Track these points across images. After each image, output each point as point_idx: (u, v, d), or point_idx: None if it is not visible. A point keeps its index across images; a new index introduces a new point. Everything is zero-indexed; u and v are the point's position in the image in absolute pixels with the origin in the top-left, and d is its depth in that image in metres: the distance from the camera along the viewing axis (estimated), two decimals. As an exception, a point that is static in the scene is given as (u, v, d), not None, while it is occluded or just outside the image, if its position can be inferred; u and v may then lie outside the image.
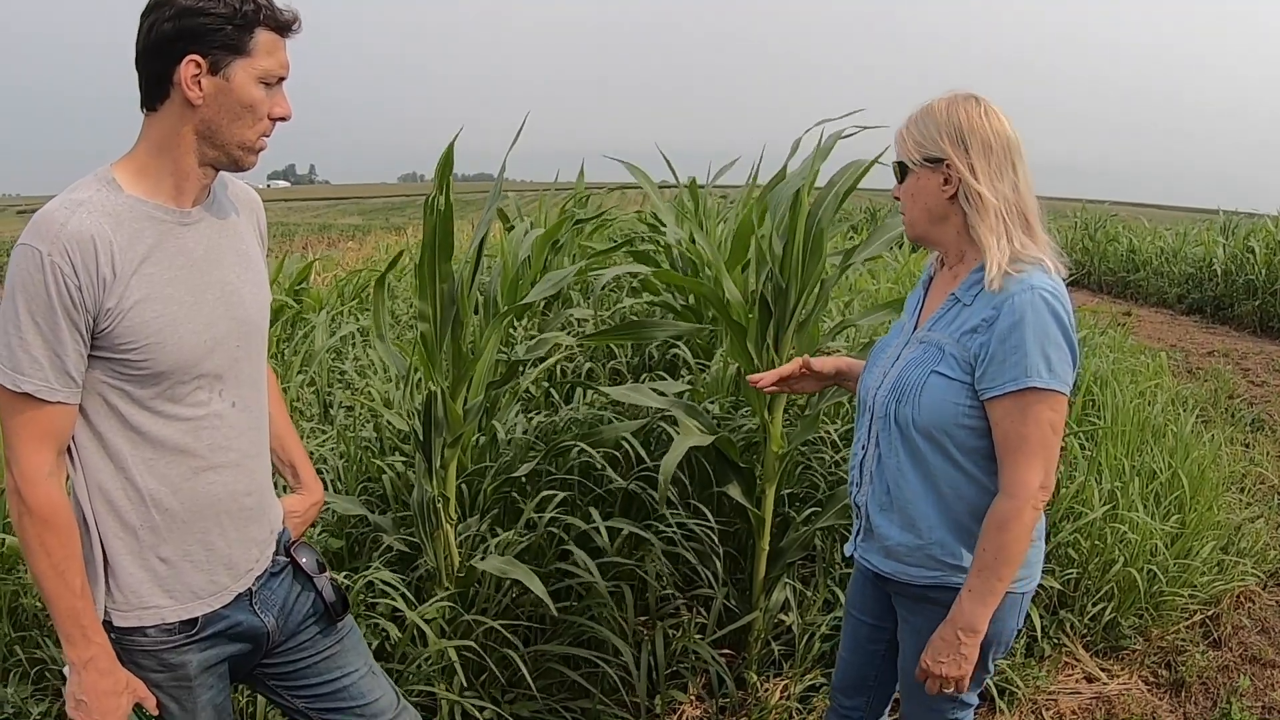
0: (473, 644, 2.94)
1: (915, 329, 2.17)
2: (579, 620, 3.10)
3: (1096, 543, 3.98)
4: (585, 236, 7.01)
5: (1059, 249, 2.04)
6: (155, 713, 1.82)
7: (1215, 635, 4.06)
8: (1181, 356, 9.66)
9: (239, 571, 1.89)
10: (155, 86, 1.68)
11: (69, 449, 1.71)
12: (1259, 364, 9.48)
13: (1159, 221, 19.23)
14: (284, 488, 2.29)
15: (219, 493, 1.82)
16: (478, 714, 2.89)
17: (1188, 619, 4.09)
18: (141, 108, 1.72)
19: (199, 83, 1.65)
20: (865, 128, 3.22)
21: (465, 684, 2.91)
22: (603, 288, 5.59)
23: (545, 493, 3.41)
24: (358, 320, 6.73)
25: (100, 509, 1.73)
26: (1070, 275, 2.07)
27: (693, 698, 3.28)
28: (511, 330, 5.29)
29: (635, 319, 5.14)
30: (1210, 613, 4.17)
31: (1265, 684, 3.73)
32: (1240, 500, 5.25)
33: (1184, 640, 3.95)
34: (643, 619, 3.30)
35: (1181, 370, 8.91)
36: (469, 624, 3.00)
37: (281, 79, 1.74)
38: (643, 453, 3.62)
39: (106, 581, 1.75)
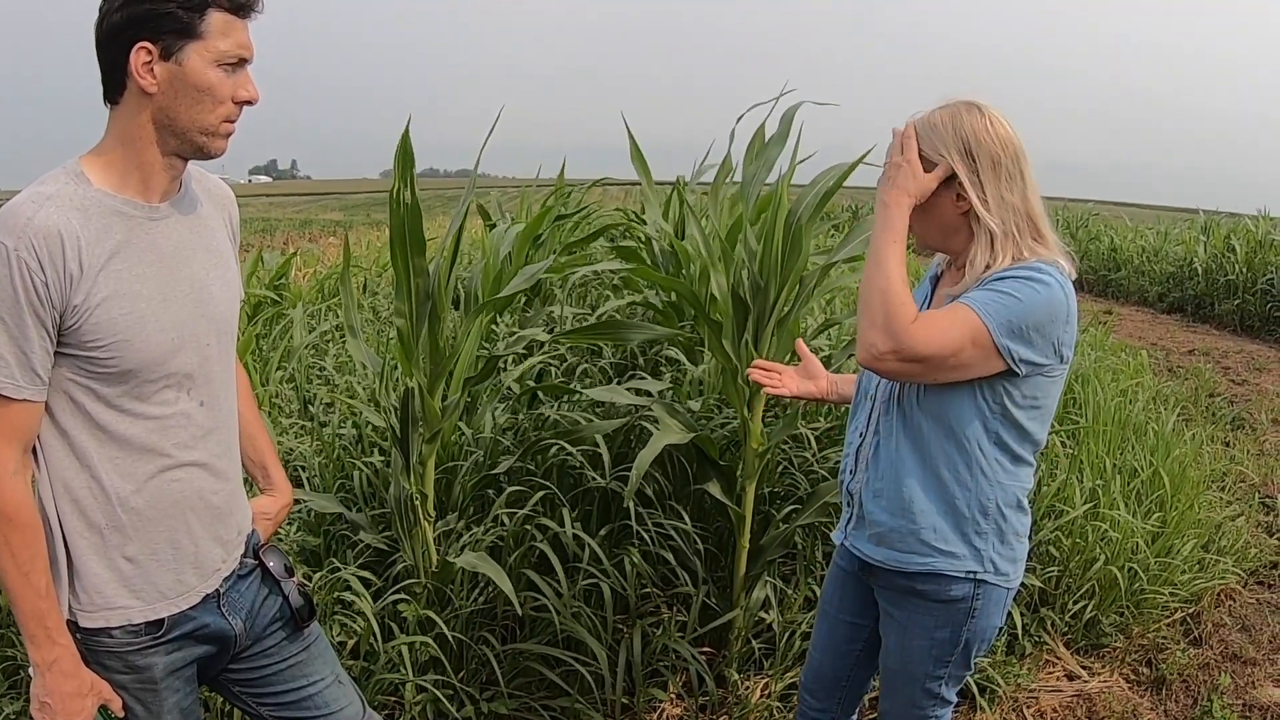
0: (429, 640, 2.91)
1: None
2: (555, 619, 3.08)
3: (1078, 541, 3.98)
4: (567, 233, 6.98)
5: (1069, 251, 2.03)
6: (121, 714, 1.78)
7: (1196, 633, 4.06)
8: (1162, 355, 9.70)
9: (206, 572, 1.85)
10: (112, 79, 1.65)
11: (33, 447, 1.67)
12: (1239, 363, 9.52)
13: (1140, 220, 19.33)
14: (251, 489, 2.26)
15: (186, 492, 1.79)
16: (453, 710, 2.87)
17: (1168, 617, 4.10)
18: (104, 102, 1.68)
19: (152, 70, 1.62)
20: (822, 103, 3.22)
21: (439, 680, 2.89)
22: (582, 285, 5.55)
23: (514, 488, 3.39)
24: (336, 315, 6.68)
25: (65, 508, 1.69)
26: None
27: (673, 696, 3.26)
28: (495, 328, 5.26)
29: (615, 318, 5.11)
30: (1191, 610, 4.18)
31: (1246, 681, 3.73)
32: (1221, 498, 5.26)
33: (1165, 638, 3.95)
34: (622, 616, 3.27)
35: (1162, 369, 8.94)
36: (445, 621, 2.97)
37: (243, 60, 1.69)
38: (606, 455, 3.59)
39: (71, 582, 1.72)
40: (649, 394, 3.44)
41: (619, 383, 4.28)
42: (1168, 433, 5.22)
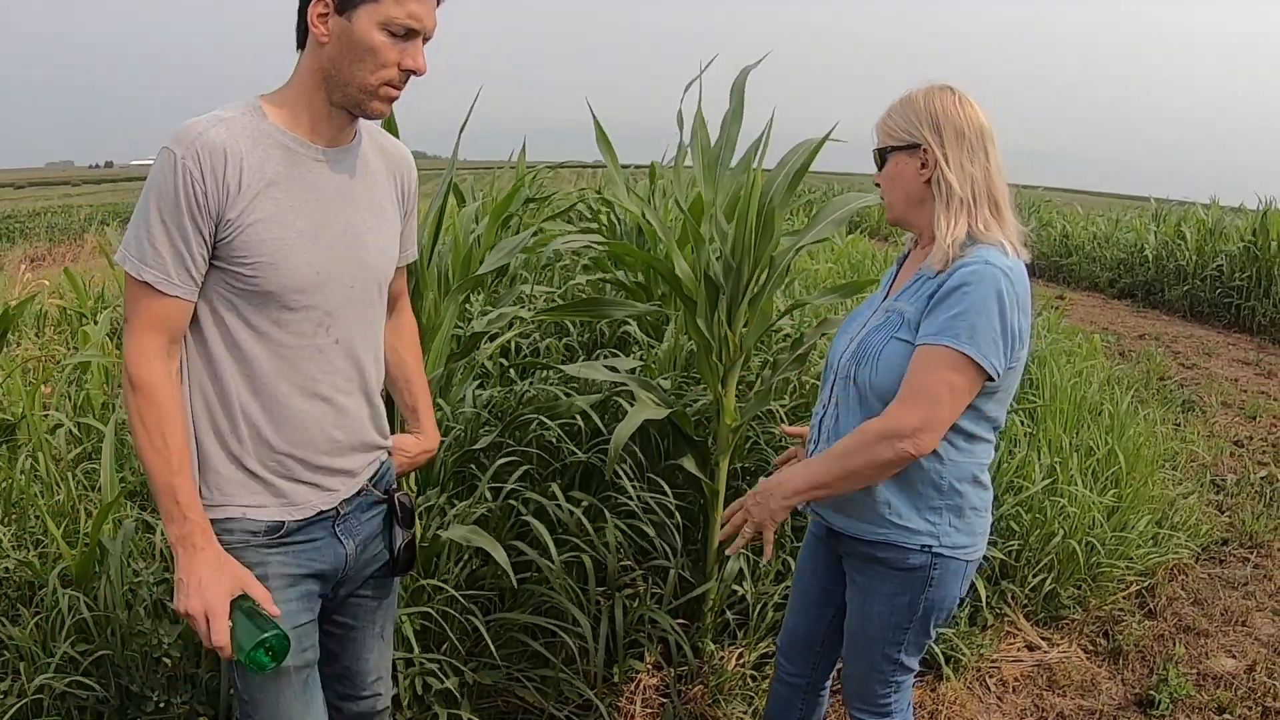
0: (430, 610, 2.95)
1: (885, 300, 2.25)
2: (538, 590, 3.13)
3: (1037, 515, 4.08)
4: (534, 215, 7.00)
5: (1026, 233, 2.12)
6: (262, 608, 1.75)
7: (1151, 606, 4.20)
8: (1114, 339, 9.91)
9: (324, 491, 1.91)
10: (301, 24, 1.77)
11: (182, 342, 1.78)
12: (1189, 347, 9.75)
13: (1092, 208, 19.64)
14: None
15: (308, 423, 1.85)
16: (439, 681, 2.91)
17: (1124, 590, 4.22)
18: (296, 47, 1.81)
19: (326, 21, 1.72)
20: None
21: (424, 652, 2.93)
22: (558, 263, 5.58)
23: (502, 461, 3.43)
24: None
25: (198, 408, 1.79)
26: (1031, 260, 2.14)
27: (650, 666, 3.32)
28: (467, 306, 5.29)
29: (591, 296, 5.16)
30: (1146, 584, 4.31)
31: (1199, 652, 3.86)
32: (1174, 477, 5.41)
33: (1121, 610, 4.08)
34: (601, 589, 3.33)
35: (1114, 352, 9.13)
36: (429, 593, 3.01)
37: (413, 30, 1.74)
38: (600, 425, 3.65)
39: (202, 473, 1.80)
40: (618, 371, 3.49)
41: (586, 360, 4.33)
42: (1123, 413, 5.36)
